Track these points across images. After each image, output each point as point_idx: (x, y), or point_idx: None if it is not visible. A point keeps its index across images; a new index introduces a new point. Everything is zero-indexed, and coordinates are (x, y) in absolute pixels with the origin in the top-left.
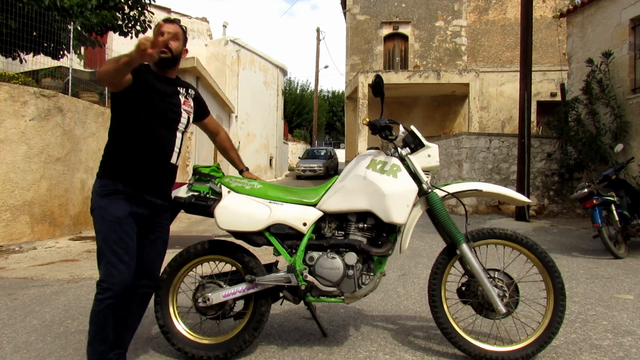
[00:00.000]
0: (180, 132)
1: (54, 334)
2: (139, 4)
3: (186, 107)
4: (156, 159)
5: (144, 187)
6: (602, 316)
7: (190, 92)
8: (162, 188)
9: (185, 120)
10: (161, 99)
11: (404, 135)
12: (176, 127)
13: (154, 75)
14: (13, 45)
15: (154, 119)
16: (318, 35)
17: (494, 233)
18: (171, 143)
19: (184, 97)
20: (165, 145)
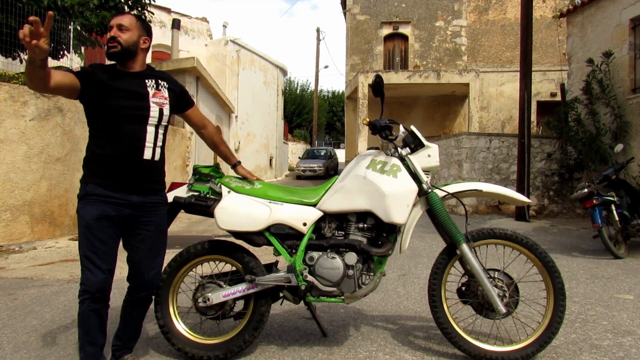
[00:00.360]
0: (152, 126)
1: (54, 334)
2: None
3: (157, 98)
4: (125, 157)
5: (116, 187)
6: (602, 316)
7: (163, 83)
8: (142, 186)
9: (156, 113)
10: (122, 96)
11: (404, 135)
12: (145, 122)
13: (114, 71)
14: (13, 45)
15: (116, 117)
16: (318, 35)
17: (494, 233)
18: (140, 138)
19: (154, 89)
20: (133, 141)
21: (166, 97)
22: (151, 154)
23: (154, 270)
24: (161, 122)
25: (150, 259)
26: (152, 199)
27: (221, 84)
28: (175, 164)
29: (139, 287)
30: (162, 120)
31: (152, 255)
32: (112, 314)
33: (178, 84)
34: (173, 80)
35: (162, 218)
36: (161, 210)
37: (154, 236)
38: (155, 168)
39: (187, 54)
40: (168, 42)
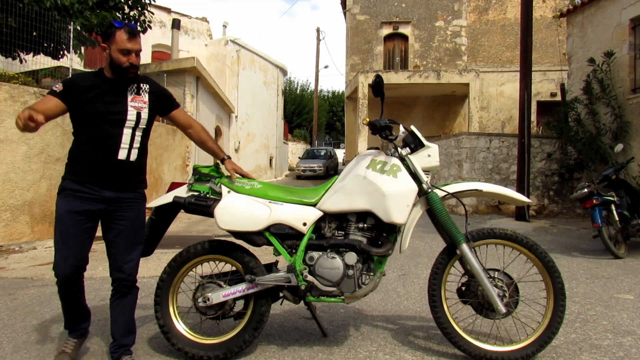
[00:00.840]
0: (129, 128)
1: (54, 334)
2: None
3: (135, 102)
4: (99, 157)
5: (90, 183)
6: (602, 316)
7: (144, 87)
8: (116, 183)
9: (134, 117)
10: (102, 104)
11: (404, 135)
12: (122, 124)
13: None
14: (13, 45)
15: (96, 120)
16: (318, 35)
17: (494, 233)
18: (116, 140)
19: (134, 94)
20: (109, 143)
21: (145, 101)
22: (126, 154)
23: (131, 263)
24: (139, 125)
25: (126, 252)
26: (127, 195)
27: (221, 84)
28: (175, 164)
29: (119, 280)
30: (139, 124)
31: (128, 248)
32: None
33: (160, 87)
34: (155, 83)
35: (138, 214)
36: (137, 206)
37: (129, 230)
38: (130, 168)
39: (187, 54)
40: (168, 42)
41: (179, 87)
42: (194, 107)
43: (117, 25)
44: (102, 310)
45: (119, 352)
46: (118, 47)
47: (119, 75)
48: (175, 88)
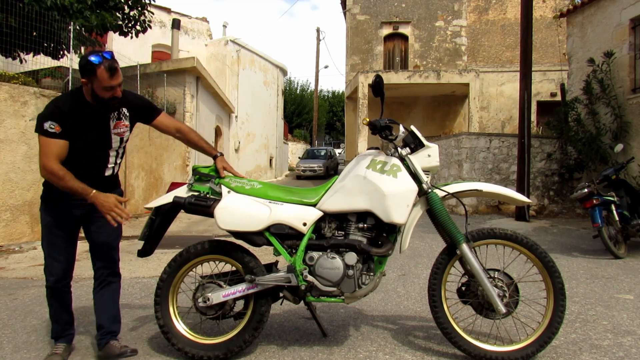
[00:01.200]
0: (114, 150)
1: None
2: (139, 4)
3: (118, 129)
4: (89, 175)
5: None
6: (602, 316)
7: (124, 111)
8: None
9: (117, 142)
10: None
11: (404, 135)
12: (108, 149)
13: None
14: (13, 45)
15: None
16: (318, 35)
17: (494, 233)
18: (103, 162)
19: (116, 120)
20: (97, 164)
21: (127, 124)
22: (111, 172)
23: (113, 251)
24: (121, 145)
25: (107, 242)
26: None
27: (221, 84)
28: (175, 164)
29: (103, 268)
30: (122, 144)
31: (110, 237)
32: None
33: (138, 100)
34: (133, 99)
35: None
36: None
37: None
38: (112, 180)
39: (187, 54)
40: (168, 42)
41: (179, 87)
42: (194, 107)
43: (96, 63)
44: None
45: (106, 337)
46: (101, 85)
47: (102, 106)
48: (175, 88)
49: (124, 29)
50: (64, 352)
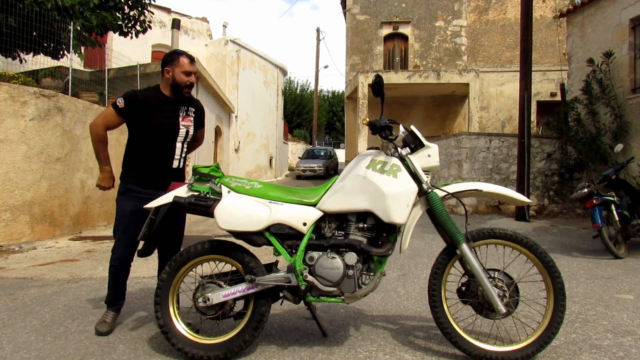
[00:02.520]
0: (180, 142)
1: (54, 334)
2: (139, 4)
3: (185, 122)
4: (158, 165)
5: (149, 187)
6: (602, 316)
7: (191, 110)
8: (166, 185)
9: (183, 133)
10: (160, 118)
11: (404, 135)
12: (175, 139)
13: (159, 97)
14: (13, 45)
15: (154, 134)
16: (318, 35)
17: (494, 233)
18: (171, 152)
19: (184, 114)
20: (166, 154)
21: (192, 120)
22: (177, 164)
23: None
24: (186, 139)
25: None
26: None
27: (221, 84)
28: None
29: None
30: (187, 138)
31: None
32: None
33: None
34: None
35: None
36: None
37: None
38: (179, 174)
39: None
40: (168, 42)
41: None
42: None
43: (180, 52)
44: (102, 310)
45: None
46: (182, 70)
47: (177, 93)
48: None
49: (124, 29)
50: (112, 321)
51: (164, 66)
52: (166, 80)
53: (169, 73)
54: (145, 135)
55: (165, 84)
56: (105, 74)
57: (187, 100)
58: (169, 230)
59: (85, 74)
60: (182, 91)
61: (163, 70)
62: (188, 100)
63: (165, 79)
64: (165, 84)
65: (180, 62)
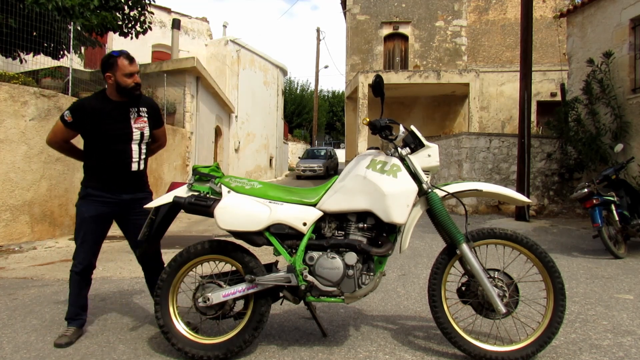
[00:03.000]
0: (135, 144)
1: (54, 334)
2: (139, 4)
3: (138, 124)
4: (116, 170)
5: (107, 191)
6: (602, 316)
7: (143, 110)
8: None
9: (138, 136)
10: (111, 124)
11: (404, 135)
12: (130, 143)
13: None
14: (13, 45)
15: (107, 141)
16: (318, 35)
17: (494, 233)
18: (127, 156)
19: (136, 116)
20: (122, 158)
21: (145, 121)
22: (137, 166)
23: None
24: (143, 140)
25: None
26: (140, 195)
27: (221, 84)
28: (175, 164)
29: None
30: (143, 139)
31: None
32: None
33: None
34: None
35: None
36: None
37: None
38: (140, 175)
39: (187, 54)
40: (168, 42)
41: (179, 87)
42: (194, 107)
43: (116, 54)
44: (102, 310)
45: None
46: (123, 72)
47: (126, 95)
48: (175, 88)
49: (124, 29)
50: (73, 335)
51: (104, 72)
52: (111, 86)
53: (111, 79)
54: (99, 142)
55: (111, 89)
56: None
57: (137, 100)
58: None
59: (85, 74)
60: (131, 93)
61: (104, 76)
62: (137, 101)
63: (110, 85)
64: (111, 89)
65: (119, 66)
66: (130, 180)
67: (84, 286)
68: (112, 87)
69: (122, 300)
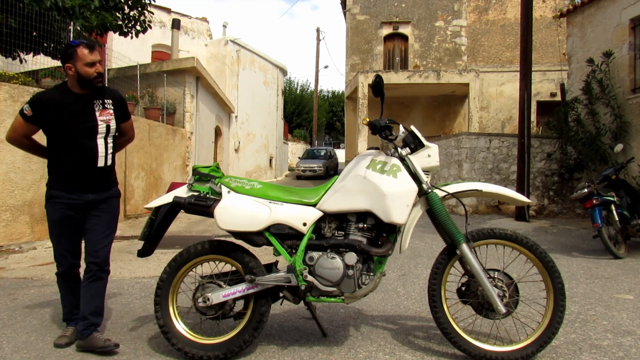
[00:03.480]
0: (101, 138)
1: (54, 334)
2: (139, 4)
3: (103, 116)
4: (82, 166)
5: (71, 191)
6: (602, 316)
7: (108, 102)
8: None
9: (104, 129)
10: (74, 117)
11: (404, 135)
12: (95, 136)
13: (68, 95)
14: (13, 45)
15: (71, 135)
16: (318, 35)
17: (494, 233)
18: (93, 150)
19: (101, 108)
20: (88, 153)
21: (111, 113)
22: (104, 162)
23: (105, 249)
24: (109, 133)
25: (101, 239)
26: (106, 194)
27: (221, 84)
28: (175, 164)
29: (94, 264)
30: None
31: (104, 235)
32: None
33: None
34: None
35: (113, 207)
36: (113, 201)
37: (106, 220)
38: (106, 171)
39: (187, 54)
40: (168, 42)
41: (179, 87)
42: (194, 107)
43: (75, 44)
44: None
45: (90, 329)
46: (84, 62)
47: (88, 87)
48: (175, 88)
49: (124, 29)
50: (72, 335)
51: (63, 63)
52: (72, 77)
53: (72, 69)
54: (62, 137)
55: (72, 81)
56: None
57: (100, 92)
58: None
59: None
60: (93, 84)
61: (64, 68)
62: (101, 92)
63: (70, 77)
64: (72, 80)
65: (79, 55)
66: (96, 178)
67: (71, 286)
68: (73, 78)
69: (122, 300)
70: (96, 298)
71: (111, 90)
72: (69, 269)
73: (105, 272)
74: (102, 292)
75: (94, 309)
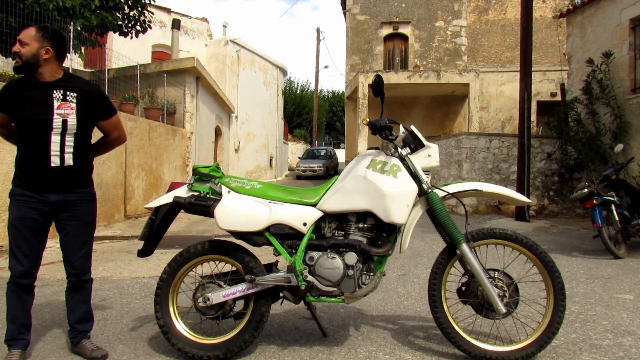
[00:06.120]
0: (56, 135)
1: (54, 334)
2: (139, 4)
3: (62, 110)
4: (32, 164)
5: (31, 190)
6: (602, 316)
7: (70, 94)
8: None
9: (59, 124)
10: (26, 107)
11: (404, 135)
12: (49, 132)
13: (27, 82)
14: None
15: (24, 127)
16: (318, 35)
17: (494, 233)
18: (44, 148)
19: (61, 100)
20: (38, 150)
21: (73, 107)
22: (59, 161)
23: (80, 260)
24: (67, 130)
25: (76, 249)
26: (72, 197)
27: (221, 84)
28: (175, 164)
29: (71, 274)
30: (67, 129)
31: (78, 246)
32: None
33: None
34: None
35: (86, 213)
36: (85, 206)
37: (77, 229)
38: (66, 173)
39: (187, 54)
40: (168, 42)
41: (179, 87)
42: (194, 107)
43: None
44: (102, 310)
45: (79, 337)
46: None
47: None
48: (175, 88)
49: (124, 29)
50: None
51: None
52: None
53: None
54: (18, 129)
55: None
56: (105, 74)
57: (65, 82)
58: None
59: (85, 74)
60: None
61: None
62: (66, 83)
63: None
64: None
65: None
66: (52, 179)
67: (22, 301)
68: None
69: (122, 300)
70: (80, 306)
71: (82, 82)
72: (22, 276)
73: (84, 282)
74: (86, 299)
75: (79, 317)
